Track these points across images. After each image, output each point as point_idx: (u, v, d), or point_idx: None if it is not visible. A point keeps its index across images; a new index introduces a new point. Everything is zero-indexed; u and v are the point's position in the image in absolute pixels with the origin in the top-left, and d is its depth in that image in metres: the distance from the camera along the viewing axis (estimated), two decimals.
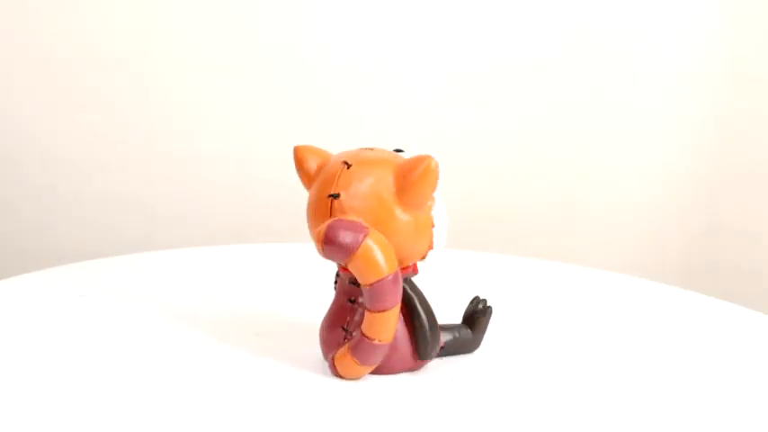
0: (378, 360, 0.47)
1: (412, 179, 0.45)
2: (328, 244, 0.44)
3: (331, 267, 0.50)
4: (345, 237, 0.44)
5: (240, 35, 0.96)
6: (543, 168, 1.03)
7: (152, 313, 0.56)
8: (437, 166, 0.45)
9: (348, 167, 0.45)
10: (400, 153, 0.48)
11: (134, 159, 0.98)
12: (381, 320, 0.45)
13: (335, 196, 0.45)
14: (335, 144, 1.04)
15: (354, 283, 0.46)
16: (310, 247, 0.72)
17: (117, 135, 0.97)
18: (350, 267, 0.44)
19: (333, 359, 0.47)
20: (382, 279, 0.44)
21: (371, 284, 0.44)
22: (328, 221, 0.44)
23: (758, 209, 1.03)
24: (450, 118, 1.00)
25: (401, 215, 0.45)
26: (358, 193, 0.45)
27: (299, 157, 0.48)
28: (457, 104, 1.01)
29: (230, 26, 0.96)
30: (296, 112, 0.99)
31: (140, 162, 0.98)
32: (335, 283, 0.49)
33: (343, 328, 0.47)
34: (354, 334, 0.47)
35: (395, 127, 0.99)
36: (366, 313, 0.45)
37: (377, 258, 0.44)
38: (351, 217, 0.44)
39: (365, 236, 0.44)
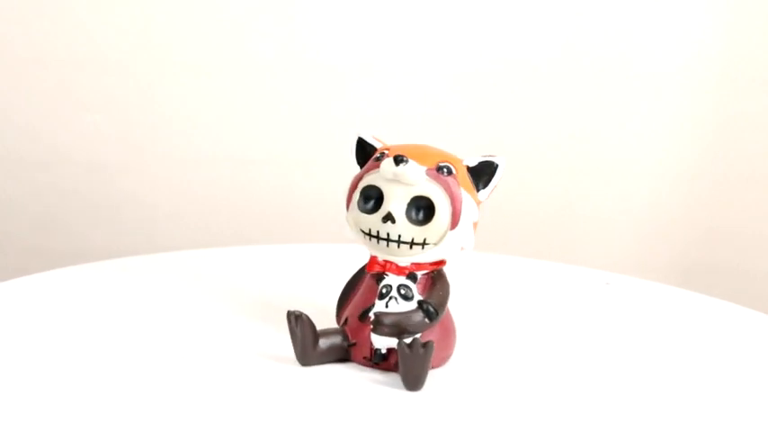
0: None
1: None
2: None
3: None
4: None
5: (242, 36, 0.96)
6: (543, 168, 1.03)
7: (153, 315, 0.56)
8: None
9: None
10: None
11: (134, 160, 0.98)
12: None
13: None
14: (337, 144, 1.04)
15: None
16: (310, 249, 0.72)
17: (118, 135, 0.97)
18: None
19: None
20: None
21: None
22: None
23: (758, 209, 1.03)
24: (449, 118, 1.00)
25: None
26: None
27: None
28: (456, 105, 1.01)
29: (232, 27, 0.96)
30: (298, 113, 0.99)
31: (141, 163, 0.98)
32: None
33: None
34: None
35: (395, 127, 0.99)
36: None
37: None
38: None
39: None
